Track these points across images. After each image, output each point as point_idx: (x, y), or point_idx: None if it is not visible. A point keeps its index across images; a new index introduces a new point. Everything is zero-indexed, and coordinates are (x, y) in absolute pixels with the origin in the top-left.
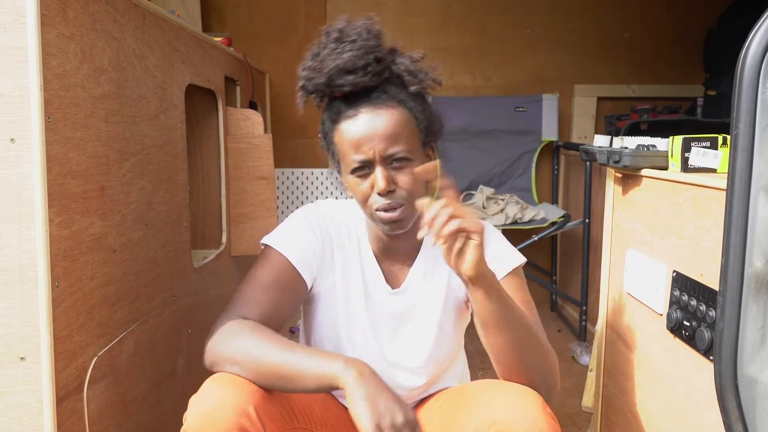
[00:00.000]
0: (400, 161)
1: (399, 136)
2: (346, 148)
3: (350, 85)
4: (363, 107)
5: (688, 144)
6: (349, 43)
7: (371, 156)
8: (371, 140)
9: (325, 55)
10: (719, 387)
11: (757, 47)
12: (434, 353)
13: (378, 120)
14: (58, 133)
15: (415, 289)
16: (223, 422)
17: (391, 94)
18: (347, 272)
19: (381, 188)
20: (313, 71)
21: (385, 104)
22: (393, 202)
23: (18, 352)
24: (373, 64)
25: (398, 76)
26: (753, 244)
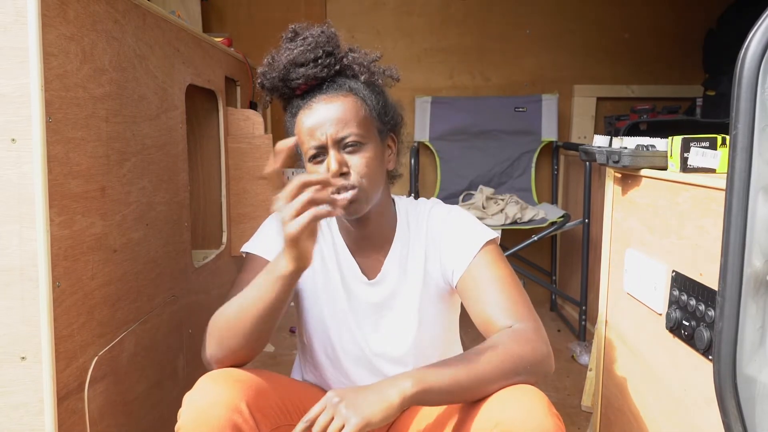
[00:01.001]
0: (353, 145)
1: (350, 120)
2: (303, 137)
3: (303, 78)
4: (316, 98)
5: (687, 144)
6: (301, 40)
7: (324, 141)
8: (323, 125)
9: (280, 53)
10: (718, 387)
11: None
12: (417, 341)
13: (330, 107)
14: (59, 134)
15: (391, 279)
16: (216, 419)
17: (343, 84)
18: (325, 268)
19: (333, 170)
20: (268, 67)
21: (336, 93)
22: (346, 183)
23: (19, 351)
24: (323, 57)
25: (350, 68)
26: (752, 243)
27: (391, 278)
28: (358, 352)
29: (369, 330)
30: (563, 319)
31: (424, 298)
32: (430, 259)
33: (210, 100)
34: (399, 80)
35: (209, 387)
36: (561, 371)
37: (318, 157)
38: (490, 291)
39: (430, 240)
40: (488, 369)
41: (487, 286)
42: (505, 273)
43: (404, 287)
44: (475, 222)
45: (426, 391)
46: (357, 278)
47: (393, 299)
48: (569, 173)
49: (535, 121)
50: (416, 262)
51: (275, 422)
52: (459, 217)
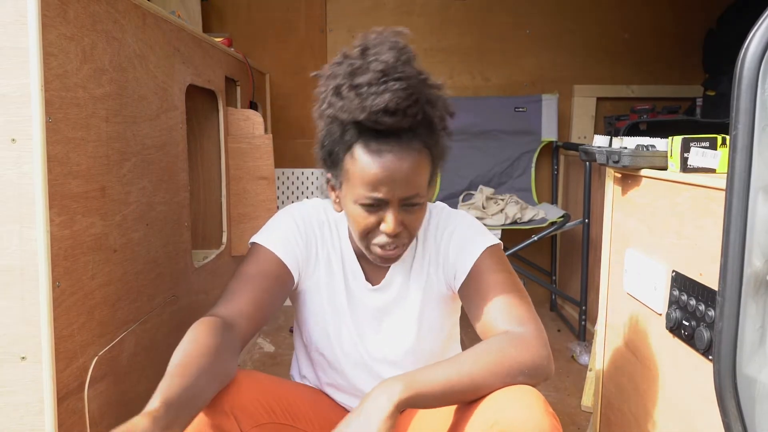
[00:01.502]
0: (413, 205)
1: (417, 181)
2: (360, 180)
3: (387, 126)
4: (391, 146)
5: (687, 144)
6: (394, 80)
7: (388, 197)
8: (392, 182)
9: (368, 90)
10: (718, 387)
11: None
12: (415, 347)
13: (403, 164)
14: (59, 134)
15: (395, 285)
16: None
17: (420, 138)
18: (330, 269)
19: (390, 230)
20: (353, 103)
21: (410, 147)
22: (396, 242)
23: (19, 351)
24: (413, 107)
25: (430, 121)
26: (752, 243)
27: (395, 284)
28: (357, 356)
29: (369, 334)
30: (563, 319)
31: (426, 302)
32: (433, 263)
33: (210, 100)
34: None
35: None
36: (561, 371)
37: (372, 207)
38: (491, 296)
39: (434, 245)
40: (482, 372)
41: (489, 291)
42: (506, 278)
43: (407, 292)
44: (479, 227)
45: (417, 395)
46: (360, 284)
47: (395, 304)
48: (569, 173)
49: (535, 121)
50: (420, 267)
51: (258, 420)
52: (463, 222)
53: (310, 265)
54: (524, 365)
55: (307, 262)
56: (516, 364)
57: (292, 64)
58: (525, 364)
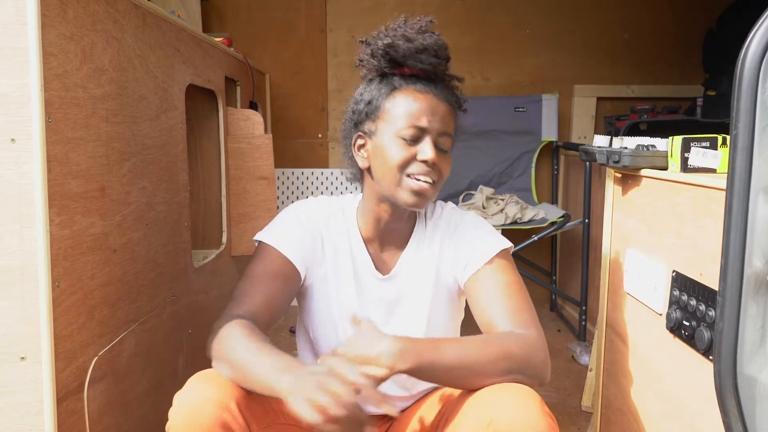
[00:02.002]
0: (444, 149)
1: (450, 126)
2: (404, 113)
3: (430, 65)
4: (430, 88)
5: (687, 144)
6: (435, 34)
7: (429, 128)
8: (434, 115)
9: (416, 34)
10: (719, 387)
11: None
12: None
13: (441, 104)
14: (59, 133)
15: (404, 275)
16: (206, 417)
17: (449, 93)
18: (337, 262)
19: (430, 157)
20: (405, 40)
21: (446, 96)
22: (431, 174)
23: (18, 351)
24: (446, 61)
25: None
26: (752, 244)
27: (405, 275)
28: None
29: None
30: (563, 319)
31: (435, 297)
32: (444, 260)
33: (210, 100)
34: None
35: (199, 386)
36: (561, 371)
37: (411, 139)
38: (497, 296)
39: (445, 242)
40: (485, 362)
41: (495, 291)
42: (513, 281)
43: (416, 285)
44: (492, 229)
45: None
46: (370, 273)
47: (404, 296)
48: (569, 173)
49: (535, 121)
50: (430, 261)
51: (265, 421)
52: (477, 222)
53: (317, 260)
54: (524, 364)
55: (314, 258)
56: (516, 362)
57: (292, 64)
58: (525, 364)
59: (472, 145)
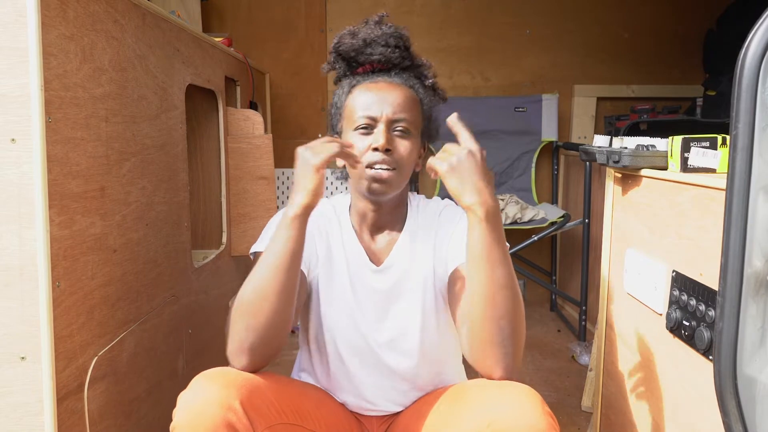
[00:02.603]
0: (402, 131)
1: (407, 109)
2: (357, 107)
3: (379, 55)
4: (382, 78)
5: (687, 144)
6: (386, 26)
7: (378, 116)
8: (382, 103)
9: (364, 28)
10: (719, 387)
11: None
12: (423, 333)
13: (393, 91)
14: (59, 133)
15: (399, 267)
16: (211, 418)
17: (409, 78)
18: (331, 259)
19: (381, 143)
20: (350, 35)
21: (402, 83)
22: (386, 161)
23: (18, 351)
24: (402, 48)
25: (419, 68)
26: (752, 243)
27: (398, 267)
28: (361, 342)
29: (373, 319)
30: (563, 319)
31: (431, 291)
32: (438, 256)
33: (210, 100)
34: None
35: (203, 386)
36: (561, 371)
37: (365, 129)
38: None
39: (438, 237)
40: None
41: None
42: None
43: (411, 278)
44: None
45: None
46: (364, 265)
47: (400, 288)
48: (569, 173)
49: (535, 121)
50: (424, 256)
51: (270, 420)
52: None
53: (311, 261)
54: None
55: (308, 259)
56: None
57: (292, 64)
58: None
59: None
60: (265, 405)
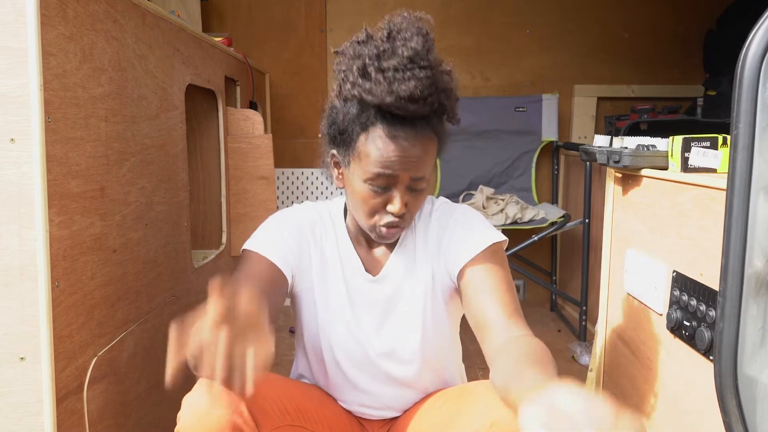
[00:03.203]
0: (418, 189)
1: (426, 166)
2: (374, 159)
3: (410, 113)
4: (406, 132)
5: (688, 144)
6: (420, 68)
7: (397, 177)
8: (403, 164)
9: (395, 75)
10: (719, 387)
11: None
12: (423, 342)
13: (414, 149)
14: (58, 133)
15: (395, 276)
16: (216, 420)
17: (432, 126)
18: (326, 267)
19: (397, 211)
20: (380, 87)
21: (425, 135)
22: (400, 222)
23: (18, 351)
24: (434, 96)
25: (443, 110)
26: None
27: (396, 275)
28: (360, 352)
29: (372, 329)
30: (563, 320)
31: (430, 297)
32: (437, 257)
33: (210, 100)
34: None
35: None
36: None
37: (380, 187)
38: (493, 291)
39: (437, 237)
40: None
41: (491, 285)
42: (508, 278)
43: (409, 285)
44: (484, 221)
45: None
46: (360, 274)
47: (398, 297)
48: (569, 173)
49: (535, 121)
50: (422, 259)
51: (275, 422)
52: (468, 215)
53: (304, 267)
54: None
55: (300, 265)
56: None
57: (292, 64)
58: None
59: (472, 145)
60: (270, 407)
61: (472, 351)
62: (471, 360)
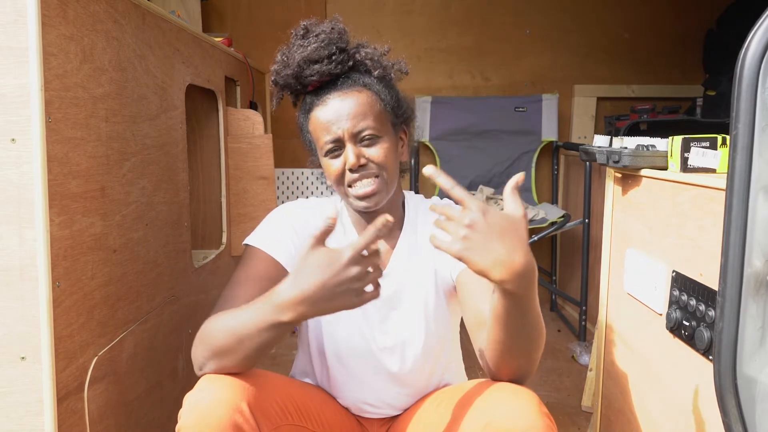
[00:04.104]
0: (370, 138)
1: (366, 114)
2: (319, 132)
3: (317, 74)
4: (331, 94)
5: (687, 144)
6: (313, 36)
7: (340, 134)
8: (339, 120)
9: (293, 50)
10: (719, 387)
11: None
12: (425, 338)
13: (345, 102)
14: (59, 133)
15: (399, 271)
16: (218, 419)
17: (356, 79)
18: None
19: (351, 163)
20: (282, 65)
21: (350, 88)
22: (364, 174)
23: (18, 351)
24: (336, 54)
25: (362, 64)
26: (752, 243)
27: (399, 272)
28: (365, 347)
29: (376, 325)
30: (563, 319)
31: (433, 293)
32: (439, 255)
33: (210, 100)
34: (408, 74)
35: (210, 387)
36: (561, 371)
37: (334, 152)
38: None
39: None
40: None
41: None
42: None
43: (412, 281)
44: None
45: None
46: None
47: (401, 293)
48: (569, 173)
49: (535, 121)
50: (424, 257)
51: (276, 422)
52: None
53: None
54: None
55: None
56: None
57: None
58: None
59: (472, 145)
60: (271, 406)
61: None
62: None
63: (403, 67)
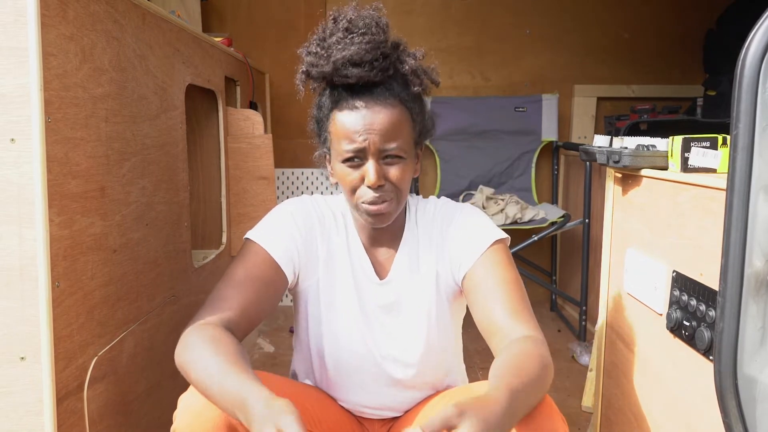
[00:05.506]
0: (393, 158)
1: (395, 133)
2: (341, 136)
3: (356, 78)
4: (364, 100)
5: (687, 144)
6: (358, 35)
7: (365, 146)
8: (368, 133)
9: (333, 44)
10: (719, 387)
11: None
12: (427, 344)
13: (377, 116)
14: (59, 133)
15: (401, 279)
16: (212, 420)
17: (394, 92)
18: (333, 265)
19: (372, 182)
20: (319, 58)
21: (386, 101)
22: (381, 196)
23: (18, 351)
24: (380, 60)
25: (402, 75)
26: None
27: (401, 277)
28: (365, 353)
29: (378, 331)
30: (563, 319)
31: (435, 298)
32: (440, 259)
33: (210, 100)
34: (438, 85)
35: None
36: (561, 371)
37: (354, 161)
38: (497, 292)
39: (439, 238)
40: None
41: (494, 286)
42: (512, 275)
43: (414, 287)
44: (486, 220)
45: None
46: (368, 277)
47: (403, 300)
48: (569, 173)
49: (535, 121)
50: (426, 261)
51: None
52: (469, 214)
53: (311, 263)
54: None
55: (307, 261)
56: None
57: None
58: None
59: (472, 145)
60: None
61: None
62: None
63: (436, 78)
